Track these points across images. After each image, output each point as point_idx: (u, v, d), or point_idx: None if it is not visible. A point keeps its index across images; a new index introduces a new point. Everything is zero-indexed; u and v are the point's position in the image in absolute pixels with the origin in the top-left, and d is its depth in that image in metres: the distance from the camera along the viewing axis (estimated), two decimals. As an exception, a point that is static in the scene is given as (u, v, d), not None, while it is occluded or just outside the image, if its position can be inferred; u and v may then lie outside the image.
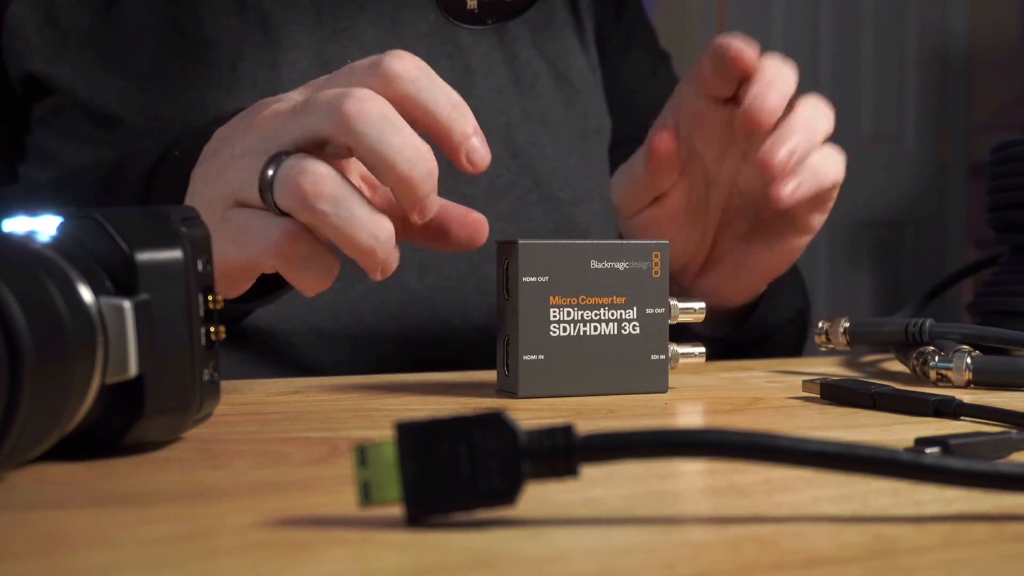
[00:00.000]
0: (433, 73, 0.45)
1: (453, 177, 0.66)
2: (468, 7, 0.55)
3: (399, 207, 0.44)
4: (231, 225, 0.44)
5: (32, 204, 0.51)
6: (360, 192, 0.43)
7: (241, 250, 0.44)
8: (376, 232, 0.42)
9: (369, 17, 0.68)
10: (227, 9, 0.65)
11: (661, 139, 0.56)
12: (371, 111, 0.42)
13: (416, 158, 0.42)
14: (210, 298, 0.34)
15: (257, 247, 0.44)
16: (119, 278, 0.31)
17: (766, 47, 0.54)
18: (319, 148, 0.44)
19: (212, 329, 0.34)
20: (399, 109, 0.43)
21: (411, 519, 0.25)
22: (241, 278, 0.46)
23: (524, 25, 0.73)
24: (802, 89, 0.54)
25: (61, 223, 0.32)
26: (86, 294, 0.29)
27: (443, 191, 0.67)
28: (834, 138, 0.56)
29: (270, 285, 0.51)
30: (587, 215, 0.72)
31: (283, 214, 0.43)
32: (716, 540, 0.25)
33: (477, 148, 0.45)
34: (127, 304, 0.30)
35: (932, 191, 2.98)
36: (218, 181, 0.45)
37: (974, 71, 2.98)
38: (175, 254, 0.32)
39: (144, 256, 0.31)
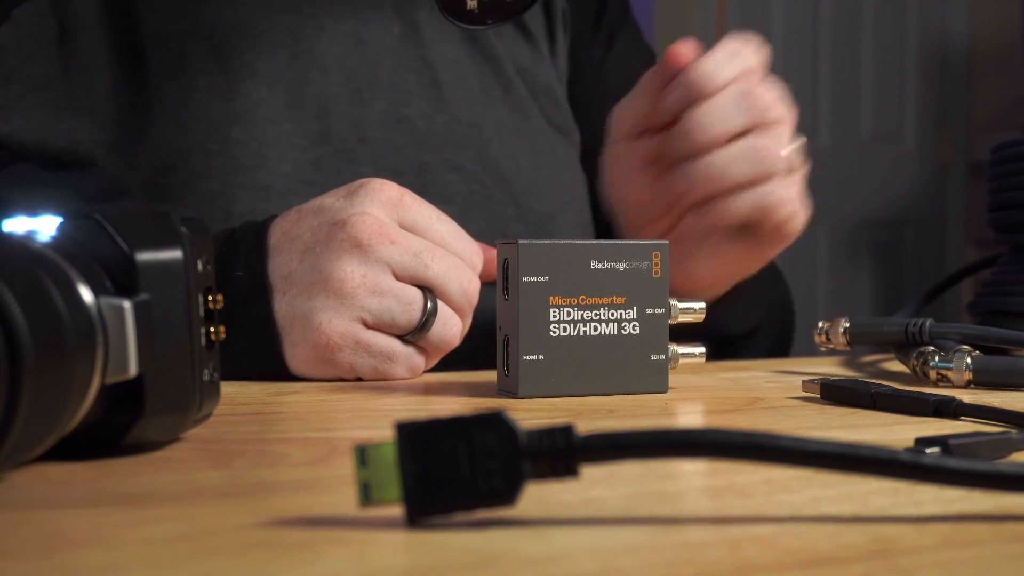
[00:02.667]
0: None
1: (425, 195, 0.66)
2: (468, 7, 0.55)
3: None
4: (372, 351, 0.51)
5: None
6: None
7: (379, 371, 0.51)
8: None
9: (330, 36, 0.66)
10: (178, 36, 0.64)
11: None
12: (451, 279, 0.51)
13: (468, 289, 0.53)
14: (210, 298, 0.34)
15: (397, 371, 0.51)
16: (119, 278, 0.31)
17: (766, 47, 0.54)
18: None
19: (212, 329, 0.34)
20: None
21: (411, 519, 0.25)
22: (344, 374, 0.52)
23: (496, 34, 0.72)
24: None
25: (61, 223, 0.32)
26: (86, 294, 0.29)
27: None
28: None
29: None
30: (564, 228, 0.71)
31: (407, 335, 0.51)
32: (716, 540, 0.25)
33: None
34: (127, 304, 0.30)
35: (932, 191, 2.97)
36: (351, 306, 0.50)
37: (974, 71, 2.98)
38: (175, 254, 0.32)
39: (144, 256, 0.31)
